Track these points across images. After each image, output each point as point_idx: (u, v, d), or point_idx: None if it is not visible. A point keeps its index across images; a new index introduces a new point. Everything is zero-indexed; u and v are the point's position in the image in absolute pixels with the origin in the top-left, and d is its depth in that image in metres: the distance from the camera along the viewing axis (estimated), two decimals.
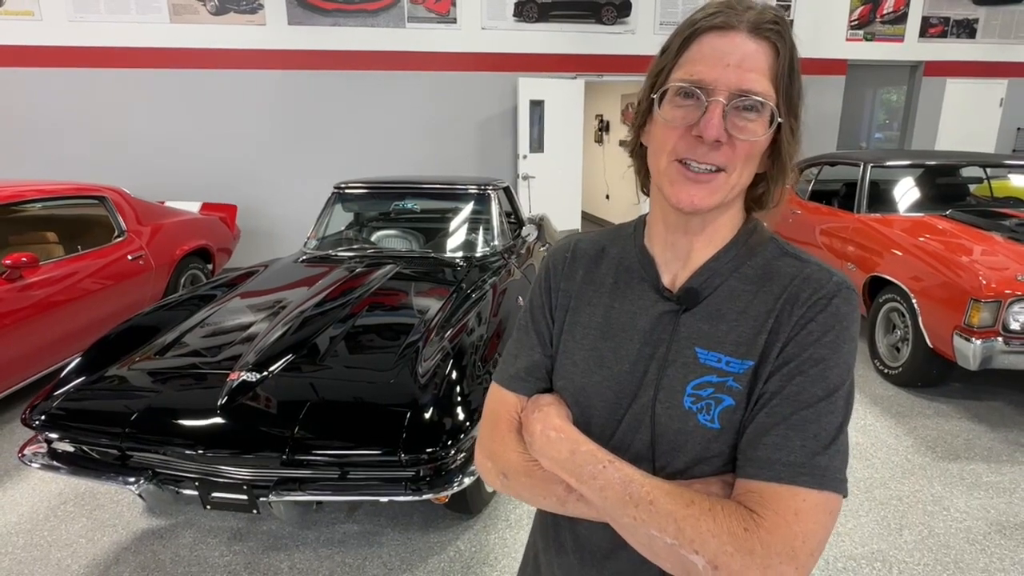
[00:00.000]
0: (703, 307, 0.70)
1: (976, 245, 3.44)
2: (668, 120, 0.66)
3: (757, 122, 0.64)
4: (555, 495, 0.71)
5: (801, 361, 0.63)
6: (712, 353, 0.67)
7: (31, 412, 2.10)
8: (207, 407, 2.00)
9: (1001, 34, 7.46)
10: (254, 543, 2.34)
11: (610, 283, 0.77)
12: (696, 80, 0.64)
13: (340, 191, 3.92)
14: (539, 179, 6.67)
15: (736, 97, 0.63)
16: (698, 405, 0.66)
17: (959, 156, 4.84)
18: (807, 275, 0.67)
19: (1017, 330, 2.99)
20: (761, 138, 0.65)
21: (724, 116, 0.63)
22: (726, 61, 0.63)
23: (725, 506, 0.60)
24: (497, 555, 2.26)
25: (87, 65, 5.97)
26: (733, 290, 0.70)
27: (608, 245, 0.81)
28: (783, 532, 0.58)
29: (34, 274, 3.28)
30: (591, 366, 0.74)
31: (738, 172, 0.66)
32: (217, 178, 6.35)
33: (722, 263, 0.71)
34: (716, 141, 0.63)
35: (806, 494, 0.59)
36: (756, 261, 0.71)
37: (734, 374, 0.66)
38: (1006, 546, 2.30)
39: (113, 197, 4.12)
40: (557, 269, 0.82)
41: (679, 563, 0.60)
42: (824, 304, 0.65)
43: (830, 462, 0.61)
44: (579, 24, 6.64)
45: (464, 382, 2.13)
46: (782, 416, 0.62)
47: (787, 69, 0.65)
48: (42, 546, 2.34)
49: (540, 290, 0.82)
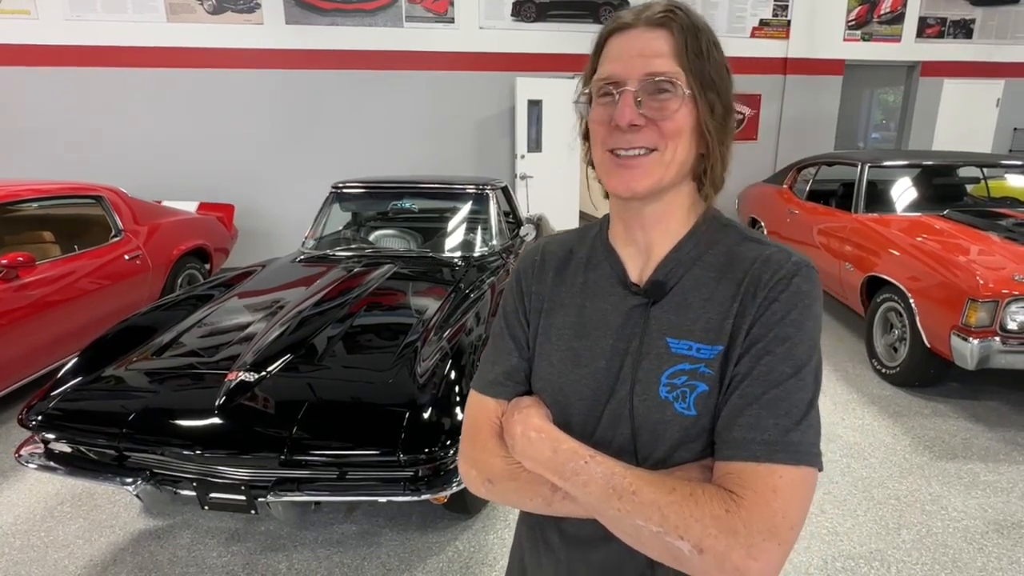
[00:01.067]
0: (670, 298, 0.72)
1: (973, 245, 3.45)
2: (596, 120, 0.71)
3: (671, 101, 0.67)
4: (541, 496, 0.72)
5: (768, 341, 0.65)
6: (683, 342, 0.69)
7: (28, 412, 2.09)
8: (205, 407, 2.00)
9: (998, 35, 7.48)
10: (252, 544, 2.33)
11: (580, 283, 0.79)
12: (608, 78, 0.69)
13: (338, 191, 3.92)
14: (537, 179, 6.67)
15: (645, 83, 0.67)
16: (674, 394, 0.68)
17: (956, 156, 4.86)
18: (767, 257, 0.69)
19: (1014, 330, 2.99)
20: (678, 114, 0.67)
21: (639, 103, 0.67)
22: (630, 54, 0.68)
23: (706, 490, 0.62)
24: (496, 555, 2.26)
25: (83, 64, 5.95)
26: (698, 279, 0.72)
27: (576, 246, 0.83)
28: (763, 510, 0.60)
29: (30, 274, 3.27)
30: (567, 365, 0.75)
31: (671, 150, 0.68)
32: (214, 178, 6.33)
33: (684, 253, 0.73)
34: (632, 125, 0.67)
35: (783, 471, 0.61)
36: (718, 249, 0.73)
37: (705, 360, 0.68)
38: (1004, 545, 2.30)
39: (110, 196, 4.11)
40: (527, 273, 0.84)
41: (666, 550, 0.62)
42: (785, 284, 0.67)
43: (803, 437, 0.63)
44: (577, 24, 6.64)
45: (463, 382, 2.12)
46: (753, 396, 0.64)
47: (689, 48, 0.67)
48: (39, 547, 2.33)
49: (512, 295, 0.84)
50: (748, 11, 6.94)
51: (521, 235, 4.13)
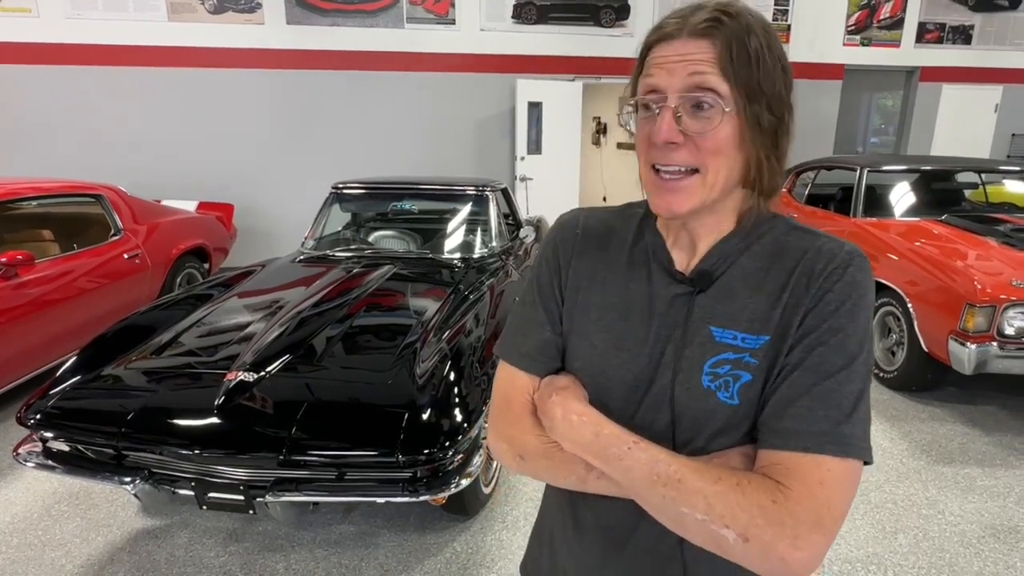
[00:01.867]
0: (716, 287, 0.71)
1: (971, 250, 3.46)
2: (637, 135, 0.70)
3: (713, 117, 0.65)
4: (575, 474, 0.72)
5: (821, 332, 0.64)
6: (727, 331, 0.69)
7: (26, 411, 2.09)
8: (204, 407, 2.00)
9: (996, 40, 7.51)
10: (250, 544, 2.33)
11: (624, 263, 0.78)
12: (649, 92, 0.67)
13: (338, 191, 3.92)
14: (537, 181, 6.68)
15: (686, 97, 0.65)
16: (717, 383, 0.68)
17: (955, 161, 4.87)
18: (819, 247, 0.68)
19: (1012, 335, 3.00)
20: (722, 131, 0.65)
21: (679, 119, 0.65)
22: (671, 66, 0.66)
23: (752, 480, 0.62)
24: (494, 557, 2.26)
25: (84, 63, 5.95)
26: (745, 269, 0.71)
27: (618, 225, 0.81)
28: (810, 502, 0.60)
29: (29, 272, 3.27)
30: (610, 348, 0.74)
31: (714, 170, 0.66)
32: (214, 177, 6.33)
33: (731, 244, 0.72)
34: (670, 143, 0.66)
35: (831, 463, 0.61)
36: (766, 240, 0.72)
37: (750, 350, 0.67)
38: (1000, 550, 2.31)
39: (109, 195, 4.10)
40: (567, 246, 0.81)
41: (710, 538, 0.62)
42: (840, 274, 0.66)
43: (853, 430, 0.62)
44: (577, 26, 6.66)
45: (462, 383, 2.13)
46: (804, 387, 0.64)
47: (736, 58, 0.64)
48: (36, 546, 2.33)
49: (548, 267, 0.81)
50: None
51: (520, 237, 4.13)
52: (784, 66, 0.67)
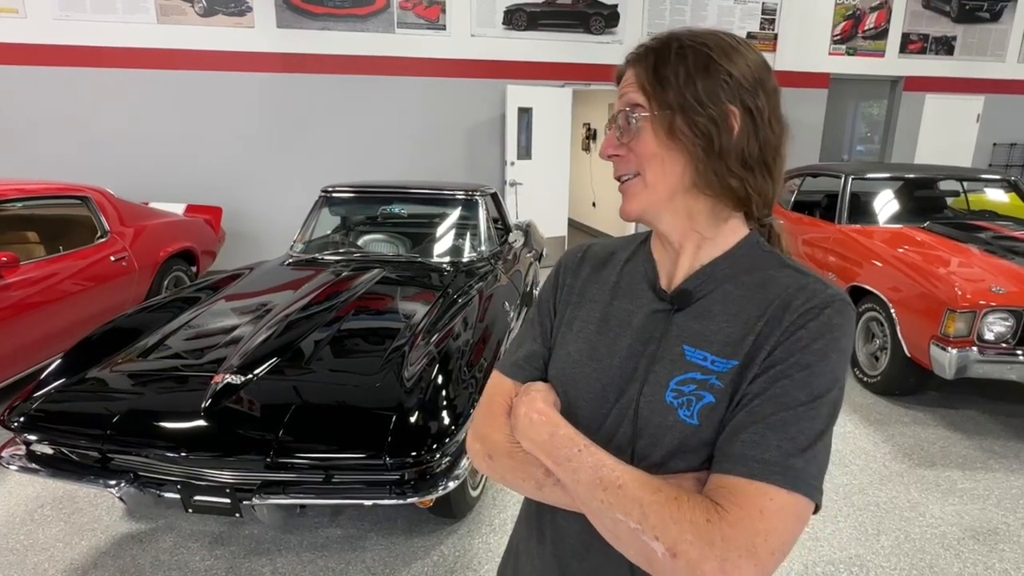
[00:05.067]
0: (695, 307, 0.73)
1: (953, 257, 3.52)
2: None
3: (637, 127, 0.73)
4: (534, 478, 0.73)
5: (787, 365, 0.64)
6: (699, 351, 0.70)
7: (10, 413, 2.08)
8: (191, 409, 1.99)
9: (978, 51, 7.65)
10: (236, 547, 2.32)
11: (612, 281, 0.82)
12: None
13: (327, 195, 3.92)
14: (526, 186, 6.71)
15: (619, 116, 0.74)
16: (679, 400, 0.68)
17: (937, 170, 4.95)
18: (803, 285, 0.69)
19: (991, 340, 3.06)
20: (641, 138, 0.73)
21: (620, 135, 0.74)
22: (620, 91, 0.76)
23: (692, 497, 0.62)
24: (481, 559, 2.27)
25: (72, 64, 5.91)
26: (727, 294, 0.72)
27: (619, 250, 0.86)
28: (745, 527, 0.58)
29: (14, 274, 3.24)
30: (583, 358, 0.77)
31: (651, 172, 0.73)
32: (202, 180, 6.30)
33: (719, 269, 0.74)
34: (611, 156, 0.75)
35: (775, 493, 0.60)
36: (756, 273, 0.73)
37: (717, 372, 0.68)
38: (979, 551, 2.34)
39: (96, 197, 4.08)
40: (567, 267, 0.88)
41: (640, 549, 0.61)
42: (816, 313, 0.66)
43: (805, 466, 0.61)
44: (567, 33, 6.71)
45: (450, 387, 2.14)
46: (761, 415, 0.63)
47: (655, 76, 0.72)
48: (18, 550, 2.30)
49: (549, 286, 0.88)
50: (736, 24, 7.05)
51: (510, 241, 4.15)
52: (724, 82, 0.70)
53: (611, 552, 0.68)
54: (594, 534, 0.69)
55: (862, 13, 7.33)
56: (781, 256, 0.75)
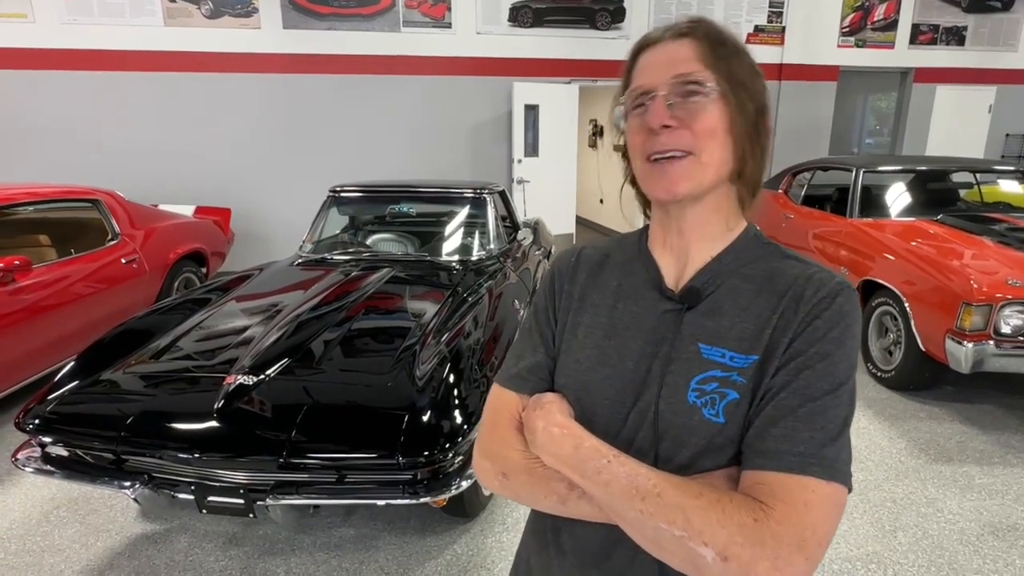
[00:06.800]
0: (705, 305, 0.72)
1: (967, 249, 3.47)
2: (632, 131, 0.73)
3: (703, 102, 0.69)
4: (556, 493, 0.71)
5: (808, 356, 0.65)
6: (715, 348, 0.69)
7: (25, 416, 2.09)
8: (203, 411, 1.99)
9: (989, 41, 7.55)
10: (250, 548, 2.33)
11: (614, 286, 0.80)
12: (639, 88, 0.72)
13: (336, 195, 3.92)
14: (534, 183, 6.69)
15: (674, 87, 0.69)
16: (702, 399, 0.67)
17: (950, 161, 4.89)
18: (810, 275, 0.70)
19: (1008, 333, 3.02)
20: (708, 114, 0.69)
21: (670, 107, 0.69)
22: (659, 64, 0.71)
23: (734, 498, 0.61)
24: (494, 559, 2.26)
25: (80, 68, 5.95)
26: (735, 289, 0.72)
27: (612, 252, 0.84)
28: (793, 522, 0.58)
29: (27, 277, 3.26)
30: (594, 364, 0.75)
31: (708, 152, 0.69)
32: (211, 181, 6.33)
33: (723, 264, 0.74)
34: (664, 127, 0.69)
35: (815, 485, 0.60)
36: (758, 264, 0.74)
37: (738, 368, 0.67)
38: (999, 547, 2.31)
39: (106, 200, 4.10)
40: (561, 273, 0.85)
41: (687, 556, 0.60)
42: (828, 302, 0.67)
43: (837, 454, 0.62)
44: (573, 29, 6.68)
45: (462, 385, 2.13)
46: (789, 408, 0.63)
47: (715, 52, 0.69)
48: (35, 551, 2.32)
49: (544, 293, 0.85)
50: (743, 17, 6.99)
51: (519, 239, 4.14)
52: (758, 72, 0.73)
53: (636, 558, 0.67)
54: (616, 541, 0.68)
55: (871, 4, 7.25)
56: (780, 247, 0.76)
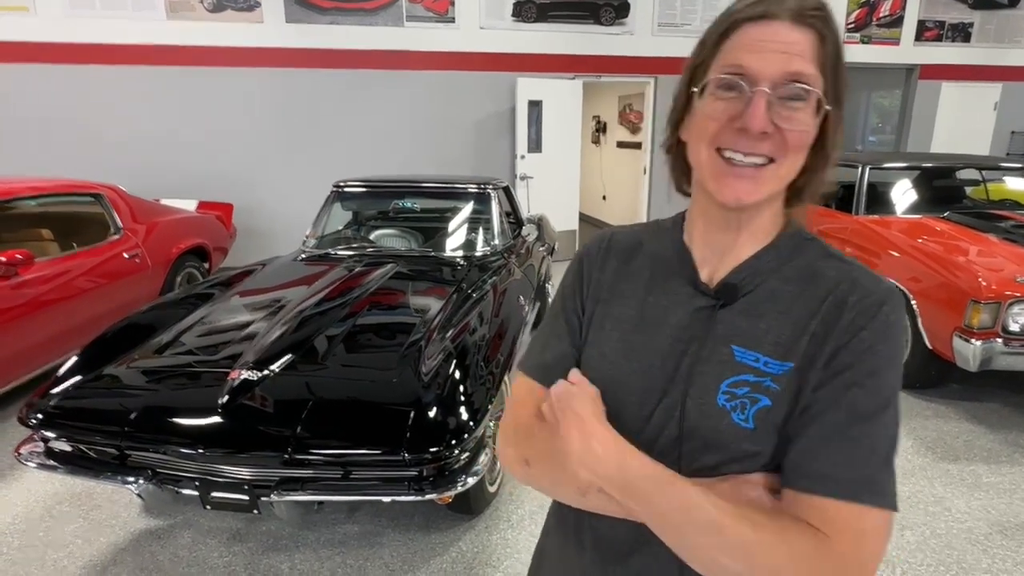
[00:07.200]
0: (741, 304, 0.68)
1: (975, 247, 3.45)
2: (709, 114, 0.64)
3: (804, 111, 0.61)
4: (576, 485, 0.69)
5: (855, 372, 0.61)
6: (749, 352, 0.65)
7: (28, 411, 2.07)
8: (208, 406, 1.98)
9: (995, 38, 7.51)
10: (254, 544, 2.32)
11: (646, 277, 0.76)
12: (738, 69, 0.61)
13: (339, 190, 3.90)
14: (537, 179, 6.67)
15: (781, 86, 0.60)
16: (732, 404, 0.64)
17: (956, 158, 4.86)
18: (853, 279, 0.65)
19: (1016, 331, 3.00)
20: (810, 127, 0.62)
21: (768, 106, 0.61)
22: (769, 49, 0.60)
23: (793, 527, 0.59)
24: (499, 556, 2.25)
25: (82, 61, 5.92)
26: (774, 290, 0.68)
27: (645, 239, 0.79)
28: (852, 554, 0.58)
29: (29, 271, 3.24)
30: (619, 357, 0.72)
31: (788, 163, 0.64)
32: (213, 176, 6.31)
33: (763, 262, 0.69)
34: (762, 133, 0.61)
35: (869, 513, 0.59)
36: (798, 262, 0.69)
37: (772, 375, 0.64)
38: (1008, 546, 2.30)
39: (109, 194, 4.08)
40: (591, 260, 0.80)
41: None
42: (875, 311, 0.62)
43: (888, 478, 0.60)
44: (578, 24, 6.64)
45: (467, 382, 2.11)
46: (839, 428, 0.60)
47: (833, 56, 0.62)
48: (38, 546, 2.31)
49: (572, 279, 0.81)
50: None
51: (523, 235, 4.12)
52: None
53: (659, 554, 0.65)
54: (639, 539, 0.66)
55: (877, 0, 7.22)
56: (823, 244, 0.71)
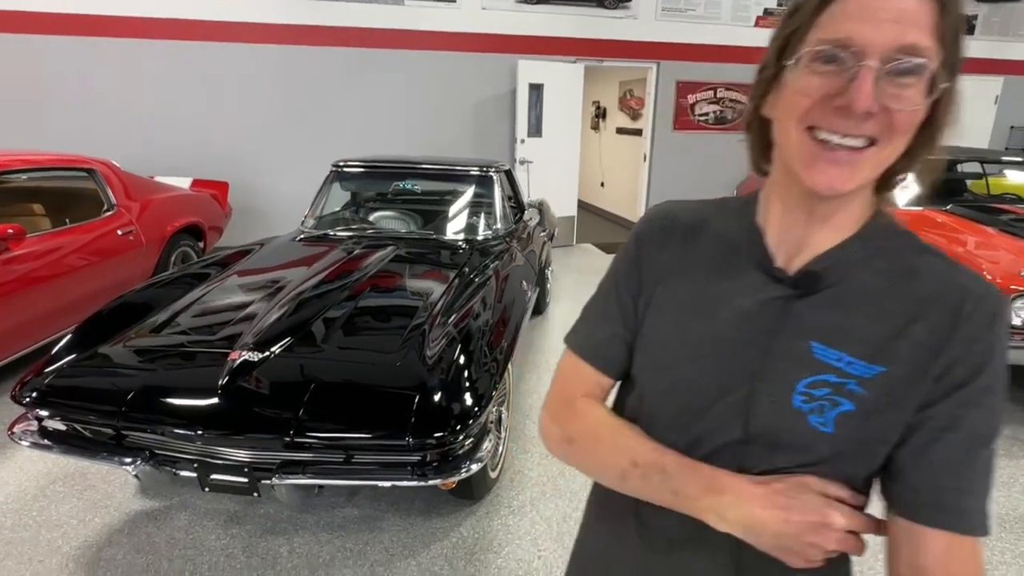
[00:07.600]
0: (825, 296, 0.61)
1: (978, 240, 3.44)
2: (802, 89, 0.56)
3: (915, 88, 0.53)
4: (618, 467, 0.67)
5: (974, 390, 0.57)
6: (832, 350, 0.59)
7: (21, 388, 2.03)
8: (207, 387, 1.94)
9: (1000, 31, 7.48)
10: (251, 526, 2.29)
11: (710, 257, 0.69)
12: (843, 40, 0.53)
13: (339, 169, 3.83)
14: (536, 164, 6.60)
15: (892, 60, 0.52)
16: (810, 405, 0.59)
17: (958, 152, 4.85)
18: (962, 284, 0.59)
19: (1019, 326, 2.99)
20: (921, 107, 0.54)
21: (875, 82, 0.53)
22: (880, 17, 0.52)
23: None
24: (500, 541, 2.24)
25: (76, 34, 5.77)
26: (864, 284, 0.61)
27: (711, 218, 0.72)
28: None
29: (20, 247, 3.17)
30: (678, 345, 0.67)
31: (892, 147, 0.56)
32: (208, 154, 6.20)
33: (849, 252, 0.62)
34: (866, 113, 0.53)
35: (980, 544, 0.57)
36: (890, 256, 0.62)
37: (858, 377, 0.58)
38: (1007, 539, 2.31)
39: (102, 170, 3.99)
40: (651, 237, 0.73)
41: None
42: (989, 321, 0.57)
43: (989, 505, 0.58)
44: (581, 7, 6.55)
45: (472, 367, 2.08)
46: (962, 454, 0.57)
47: (953, 27, 0.54)
48: (31, 526, 2.27)
49: (627, 258, 0.74)
50: (752, 0, 6.87)
51: (525, 219, 4.07)
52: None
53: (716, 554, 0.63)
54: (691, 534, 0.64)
55: None
56: (915, 238, 0.63)
